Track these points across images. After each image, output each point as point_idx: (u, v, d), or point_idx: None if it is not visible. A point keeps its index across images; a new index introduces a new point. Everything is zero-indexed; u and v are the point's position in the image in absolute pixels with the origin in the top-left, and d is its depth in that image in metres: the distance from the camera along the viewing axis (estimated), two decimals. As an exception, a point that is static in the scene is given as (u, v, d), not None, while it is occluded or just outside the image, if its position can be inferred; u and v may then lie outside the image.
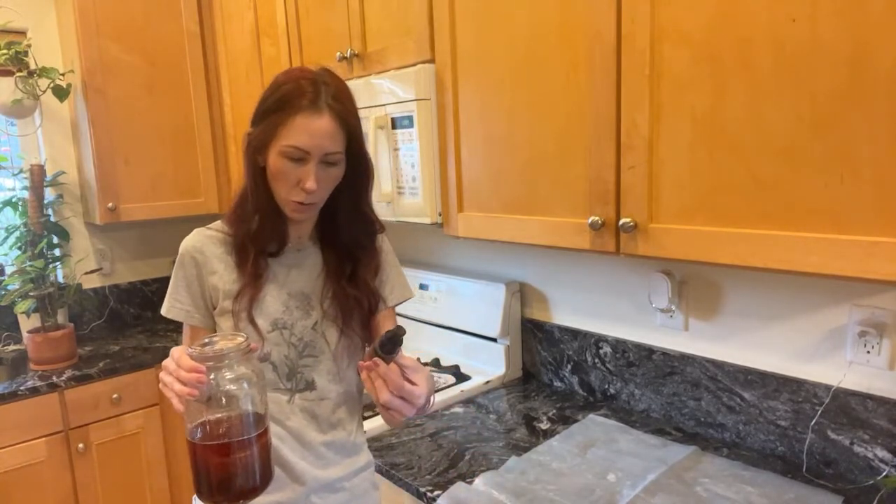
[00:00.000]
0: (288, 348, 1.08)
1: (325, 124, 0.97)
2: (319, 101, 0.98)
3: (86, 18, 2.24)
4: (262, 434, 0.90)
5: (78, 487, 2.14)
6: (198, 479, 0.89)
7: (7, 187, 2.46)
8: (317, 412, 1.11)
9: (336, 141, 0.99)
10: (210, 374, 0.86)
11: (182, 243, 1.11)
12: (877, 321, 1.19)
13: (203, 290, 1.10)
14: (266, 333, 1.07)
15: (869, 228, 0.87)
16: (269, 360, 1.07)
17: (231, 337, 0.91)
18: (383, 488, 1.42)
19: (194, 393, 0.85)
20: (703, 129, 1.03)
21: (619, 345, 1.61)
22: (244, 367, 0.89)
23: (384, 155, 1.61)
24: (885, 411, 1.18)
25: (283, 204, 1.04)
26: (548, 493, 1.22)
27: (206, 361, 0.86)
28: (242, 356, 0.88)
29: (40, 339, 2.18)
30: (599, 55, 1.15)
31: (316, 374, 1.10)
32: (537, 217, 1.33)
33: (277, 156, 0.99)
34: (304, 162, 0.99)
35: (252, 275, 1.07)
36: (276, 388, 1.08)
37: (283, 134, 0.98)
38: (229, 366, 0.88)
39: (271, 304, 1.08)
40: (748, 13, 0.95)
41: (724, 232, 1.03)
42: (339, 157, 1.01)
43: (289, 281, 1.10)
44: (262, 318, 1.07)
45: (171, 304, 1.11)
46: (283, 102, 0.98)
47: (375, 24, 1.68)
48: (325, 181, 1.02)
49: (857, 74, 0.86)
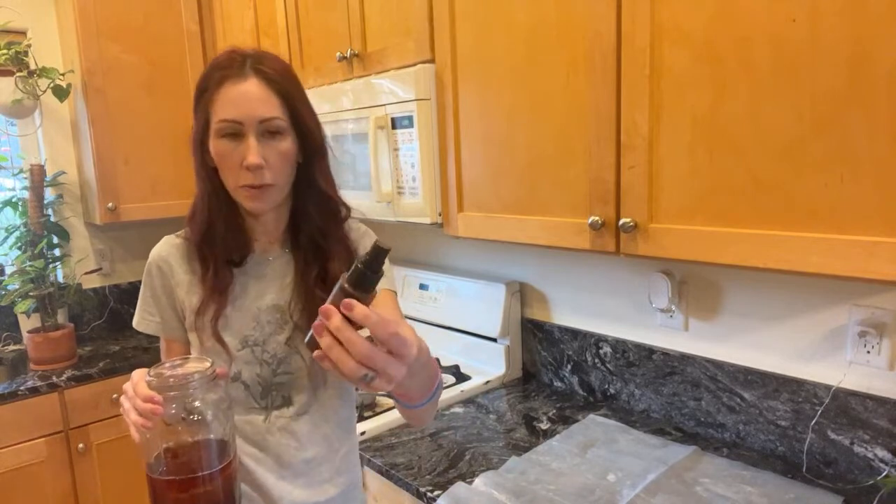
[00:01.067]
0: (260, 367, 1.00)
1: (250, 87, 0.91)
2: (244, 68, 0.92)
3: (86, 18, 2.24)
4: (227, 466, 0.83)
5: (78, 487, 2.14)
6: None
7: (7, 187, 2.46)
8: (296, 429, 1.02)
9: (269, 105, 0.91)
10: (171, 403, 0.79)
11: (151, 252, 1.05)
12: (877, 321, 1.19)
13: (173, 302, 1.03)
14: (235, 352, 0.99)
15: (869, 228, 0.87)
16: (240, 380, 1.00)
17: (197, 361, 0.84)
18: (384, 489, 1.42)
19: (147, 425, 0.77)
20: (703, 128, 1.03)
21: (619, 345, 1.61)
22: (209, 393, 0.82)
23: (384, 155, 1.61)
24: (885, 411, 1.18)
25: (236, 195, 0.95)
26: (548, 493, 1.22)
27: (165, 390, 0.79)
28: (206, 383, 0.81)
29: (40, 339, 2.18)
30: (599, 55, 1.15)
31: (293, 391, 1.01)
32: (537, 217, 1.33)
33: (214, 140, 0.93)
34: (242, 137, 0.91)
35: (213, 287, 0.99)
36: (251, 409, 1.01)
37: (214, 112, 0.92)
38: (192, 394, 0.80)
39: (240, 319, 1.00)
40: (748, 13, 0.95)
41: (725, 232, 1.03)
42: (279, 123, 0.92)
43: (259, 293, 1.01)
44: (231, 335, 0.99)
45: (142, 316, 1.04)
46: (208, 80, 0.93)
47: (375, 24, 1.68)
48: (272, 156, 0.92)
49: (857, 74, 0.86)
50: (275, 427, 1.01)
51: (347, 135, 1.74)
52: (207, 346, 0.99)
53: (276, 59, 0.96)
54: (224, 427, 0.85)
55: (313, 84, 1.91)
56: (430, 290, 2.06)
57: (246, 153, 0.91)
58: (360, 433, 1.51)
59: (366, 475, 1.49)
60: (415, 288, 2.11)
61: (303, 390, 1.02)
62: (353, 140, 1.73)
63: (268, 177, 0.92)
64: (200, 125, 0.95)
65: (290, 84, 0.94)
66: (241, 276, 1.01)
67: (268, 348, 1.00)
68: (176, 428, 0.81)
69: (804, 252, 0.93)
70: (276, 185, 0.94)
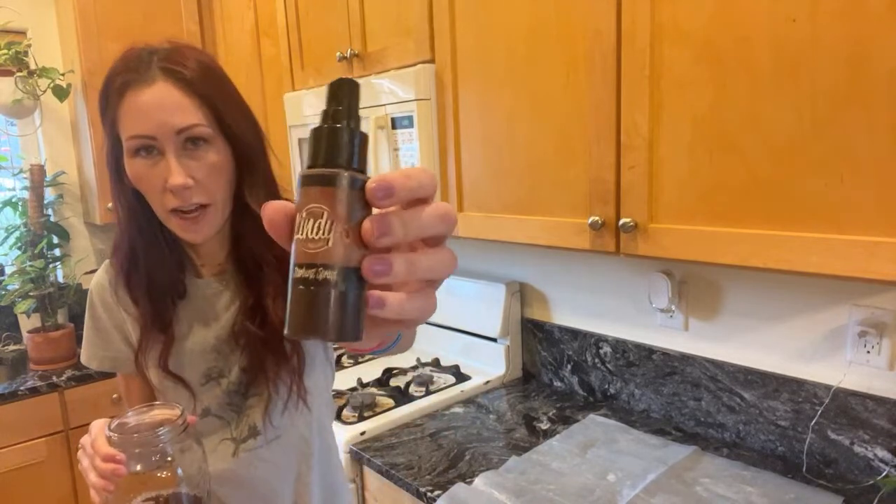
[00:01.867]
0: (229, 396, 0.89)
1: (158, 92, 0.75)
2: (149, 70, 0.76)
3: (86, 19, 2.24)
4: None
5: (78, 487, 2.14)
6: None
7: (7, 187, 2.46)
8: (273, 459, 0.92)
9: (186, 111, 0.75)
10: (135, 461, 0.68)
11: (91, 281, 0.93)
12: (877, 321, 1.19)
13: (124, 334, 0.91)
14: (199, 387, 0.89)
15: (869, 228, 0.87)
16: (211, 414, 0.90)
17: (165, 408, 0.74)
18: (384, 488, 1.42)
19: (109, 488, 0.67)
20: (703, 128, 1.03)
21: (619, 345, 1.61)
22: (179, 446, 0.71)
23: (384, 155, 1.61)
24: (885, 411, 1.18)
25: (167, 223, 0.81)
26: (548, 493, 1.22)
27: (128, 447, 0.68)
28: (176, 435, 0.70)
29: (40, 339, 2.18)
30: (599, 55, 1.15)
31: (260, 418, 0.90)
32: (537, 217, 1.33)
33: (128, 159, 0.78)
34: (160, 154, 0.76)
35: (148, 325, 0.86)
36: (223, 440, 0.90)
37: (122, 128, 0.77)
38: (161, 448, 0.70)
39: (198, 354, 0.89)
40: (748, 13, 0.95)
41: (725, 232, 1.03)
42: (201, 130, 0.77)
43: (214, 322, 0.89)
44: (190, 370, 0.89)
45: (91, 352, 0.93)
46: (109, 88, 0.78)
47: (375, 24, 1.68)
48: (198, 171, 0.77)
49: (857, 74, 0.86)
50: (246, 462, 0.91)
51: (347, 135, 1.74)
52: (165, 386, 0.89)
53: (191, 52, 0.80)
54: (198, 480, 0.74)
55: (313, 84, 1.91)
56: (430, 290, 2.05)
57: (167, 173, 0.76)
58: (360, 433, 1.51)
59: (366, 475, 1.49)
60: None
61: (270, 417, 0.90)
62: (353, 140, 1.72)
63: (198, 196, 0.78)
64: (111, 142, 0.81)
65: (210, 82, 0.79)
66: (187, 308, 0.89)
67: (232, 378, 0.89)
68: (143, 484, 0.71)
69: (804, 252, 0.93)
70: (212, 205, 0.80)
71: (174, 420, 0.71)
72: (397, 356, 2.08)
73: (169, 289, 0.87)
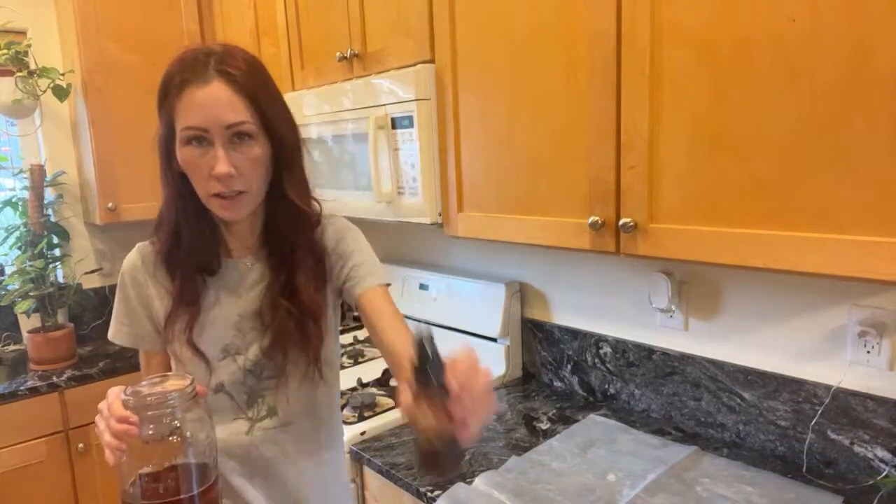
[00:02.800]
0: (244, 375, 0.98)
1: (213, 91, 0.85)
2: (206, 71, 0.86)
3: (86, 18, 2.24)
4: (209, 489, 0.79)
5: (78, 487, 2.14)
6: None
7: (7, 187, 2.46)
8: (283, 441, 1.00)
9: (236, 109, 0.86)
10: (148, 424, 0.75)
11: (124, 260, 1.01)
12: (877, 321, 1.19)
13: (149, 312, 0.99)
14: (217, 362, 0.97)
15: (869, 228, 0.87)
16: (224, 391, 0.98)
17: (177, 378, 0.81)
18: (384, 488, 1.42)
19: (122, 447, 0.74)
20: (702, 129, 1.03)
21: (619, 345, 1.61)
22: (189, 413, 0.78)
23: (384, 155, 1.61)
24: (885, 411, 1.18)
25: (208, 204, 0.91)
26: (548, 493, 1.22)
27: (141, 410, 0.75)
28: (185, 402, 0.77)
29: (40, 339, 2.18)
30: (599, 55, 1.15)
31: (277, 400, 0.99)
32: (537, 217, 1.33)
33: (181, 147, 0.88)
34: (209, 145, 0.86)
35: (181, 298, 0.95)
36: (236, 418, 0.99)
37: (178, 119, 0.87)
38: (171, 413, 0.76)
39: (220, 328, 0.97)
40: (748, 13, 0.95)
41: (725, 232, 1.03)
42: (248, 127, 0.87)
43: (238, 300, 0.98)
44: (210, 344, 0.97)
45: (117, 328, 1.01)
46: (169, 85, 0.89)
47: (375, 24, 1.68)
48: (242, 163, 0.87)
49: (857, 74, 0.86)
50: (258, 440, 0.99)
51: (347, 135, 1.74)
52: (185, 358, 0.96)
53: (243, 56, 0.90)
54: (205, 449, 0.80)
55: (313, 84, 1.92)
56: (430, 290, 2.06)
57: (214, 162, 0.86)
58: (360, 433, 1.51)
59: (366, 475, 1.49)
60: (415, 288, 2.11)
61: (284, 401, 0.99)
62: (353, 140, 1.73)
63: (238, 184, 0.88)
64: (165, 130, 0.91)
65: (258, 84, 0.89)
66: (216, 283, 0.98)
67: (250, 356, 0.97)
68: (154, 450, 0.77)
69: (804, 252, 0.93)
70: (248, 193, 0.90)
71: (184, 388, 0.77)
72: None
73: (204, 265, 0.97)
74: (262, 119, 0.88)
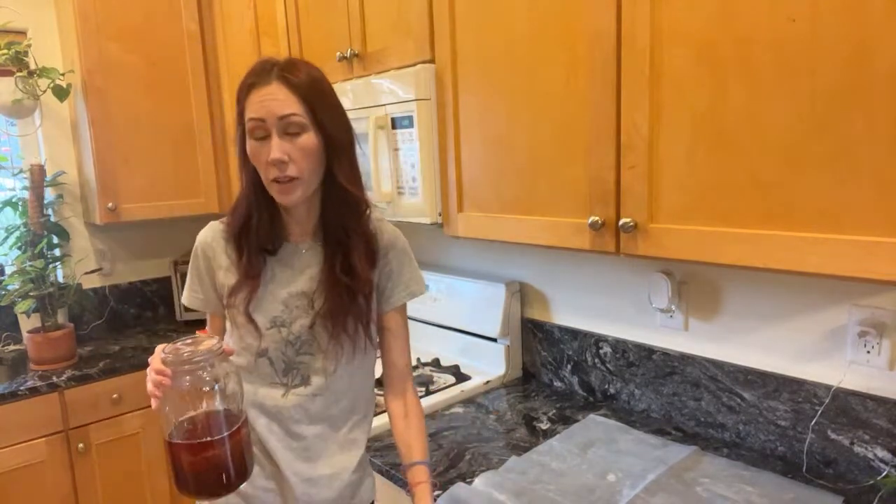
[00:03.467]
0: (285, 346, 1.10)
1: (271, 89, 0.99)
2: (269, 74, 1.01)
3: (86, 18, 2.24)
4: (236, 432, 0.92)
5: (78, 487, 2.14)
6: (176, 476, 0.92)
7: (7, 187, 2.46)
8: (310, 408, 1.12)
9: (288, 103, 0.99)
10: (183, 376, 0.89)
11: (198, 235, 1.16)
12: (877, 321, 1.19)
13: (214, 283, 1.14)
14: (265, 330, 1.10)
15: (869, 228, 0.87)
16: (267, 356, 1.11)
17: (209, 339, 0.94)
18: (384, 488, 1.42)
19: (157, 394, 0.89)
20: (702, 129, 1.03)
21: (619, 345, 1.61)
22: (217, 368, 0.92)
23: (384, 155, 1.61)
24: (885, 411, 1.18)
25: (269, 189, 1.05)
26: (548, 493, 1.22)
27: (176, 364, 0.89)
28: (214, 358, 0.91)
29: (40, 339, 2.18)
30: (599, 55, 1.15)
31: (312, 372, 1.12)
32: (537, 217, 1.33)
33: (248, 141, 1.02)
34: (268, 135, 1.00)
35: (246, 273, 1.09)
36: (273, 383, 1.12)
37: (246, 116, 1.02)
38: (202, 367, 0.90)
39: (271, 302, 1.10)
40: (748, 13, 0.95)
41: (725, 232, 1.03)
42: (298, 120, 1.00)
43: (291, 279, 1.11)
44: (261, 315, 1.10)
45: (189, 294, 1.17)
46: (241, 88, 1.03)
47: (375, 24, 1.68)
48: (293, 151, 1.00)
49: (857, 74, 0.86)
50: (290, 403, 1.11)
51: (347, 135, 1.74)
52: (240, 323, 1.10)
53: (305, 67, 1.03)
54: (233, 397, 0.93)
55: (313, 84, 1.91)
56: (430, 290, 2.06)
57: (270, 150, 1.00)
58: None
59: (366, 475, 1.49)
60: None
61: (320, 373, 1.12)
62: (353, 140, 1.73)
63: (291, 170, 1.01)
64: (239, 129, 1.05)
65: (312, 86, 1.02)
66: (274, 263, 1.12)
67: (293, 330, 1.10)
68: (190, 398, 0.92)
69: (804, 252, 0.93)
70: (300, 179, 1.02)
71: (212, 347, 0.91)
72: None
73: (266, 245, 1.11)
74: (313, 114, 1.01)
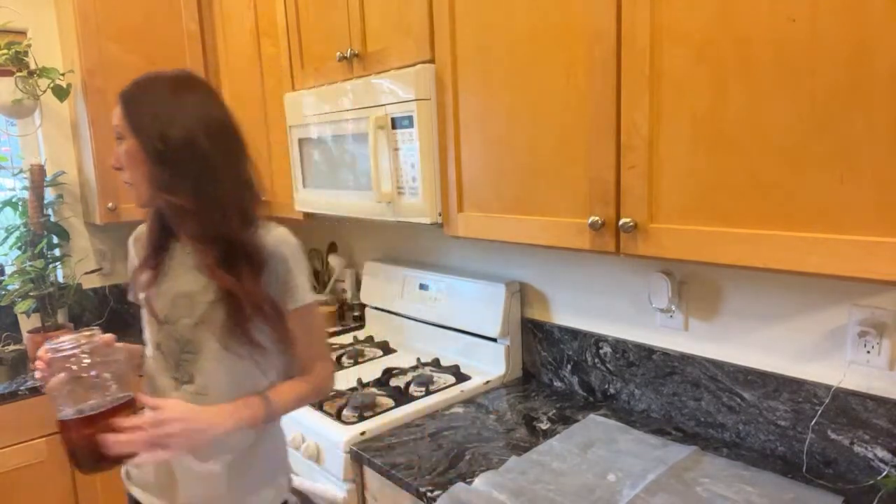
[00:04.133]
0: (174, 342, 1.16)
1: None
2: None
3: (86, 19, 2.24)
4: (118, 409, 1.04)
5: (78, 487, 2.14)
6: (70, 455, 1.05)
7: (7, 187, 2.45)
8: (199, 404, 1.11)
9: (117, 115, 1.11)
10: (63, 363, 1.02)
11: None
12: (877, 321, 1.19)
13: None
14: (159, 325, 1.17)
15: (869, 228, 0.87)
16: (160, 350, 1.18)
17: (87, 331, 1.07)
18: (383, 488, 1.42)
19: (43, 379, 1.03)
20: (703, 129, 1.03)
21: (619, 345, 1.61)
22: (97, 356, 1.04)
23: (384, 155, 1.61)
24: (885, 411, 1.18)
25: None
26: (548, 492, 1.22)
27: (55, 353, 1.02)
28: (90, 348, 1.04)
29: (40, 339, 2.18)
30: (599, 55, 1.15)
31: (195, 370, 1.15)
32: (537, 217, 1.33)
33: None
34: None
35: (139, 268, 1.19)
36: (169, 377, 1.17)
37: None
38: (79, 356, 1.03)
39: (162, 300, 1.17)
40: (748, 13, 0.95)
41: (725, 232, 1.03)
42: (118, 130, 1.11)
43: (176, 279, 1.17)
44: (158, 310, 1.17)
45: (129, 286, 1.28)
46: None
47: (375, 24, 1.68)
48: (121, 157, 1.12)
49: (857, 74, 0.86)
50: (181, 398, 1.14)
51: (347, 135, 1.74)
52: (145, 316, 1.20)
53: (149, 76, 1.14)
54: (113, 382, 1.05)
55: (313, 84, 1.92)
56: (430, 290, 2.06)
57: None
58: (360, 433, 1.52)
59: (366, 475, 1.49)
60: (415, 288, 2.11)
61: (203, 373, 1.15)
62: (353, 140, 1.73)
63: (125, 176, 1.13)
64: None
65: (131, 93, 1.12)
66: (169, 261, 1.19)
67: (177, 328, 1.16)
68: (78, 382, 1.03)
69: (804, 252, 0.93)
70: (132, 184, 1.12)
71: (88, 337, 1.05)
72: (398, 355, 2.08)
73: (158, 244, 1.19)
74: (129, 119, 1.10)
